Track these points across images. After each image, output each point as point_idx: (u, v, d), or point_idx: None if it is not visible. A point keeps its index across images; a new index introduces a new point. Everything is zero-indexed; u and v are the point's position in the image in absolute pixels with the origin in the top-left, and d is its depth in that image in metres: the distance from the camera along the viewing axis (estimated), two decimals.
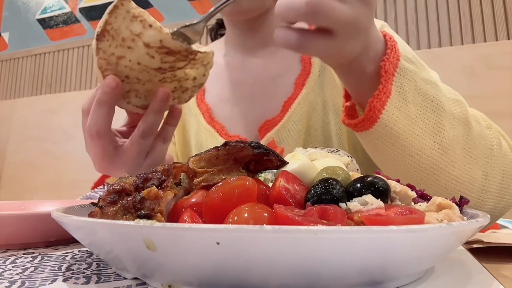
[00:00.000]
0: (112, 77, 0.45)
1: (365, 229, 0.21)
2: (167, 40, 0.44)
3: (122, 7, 0.43)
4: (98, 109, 0.46)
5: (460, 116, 0.49)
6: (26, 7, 2.35)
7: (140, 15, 0.43)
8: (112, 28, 0.43)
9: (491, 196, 0.50)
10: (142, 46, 0.44)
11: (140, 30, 0.43)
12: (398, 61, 0.46)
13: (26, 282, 0.27)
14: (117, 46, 0.44)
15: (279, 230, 0.20)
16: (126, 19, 0.43)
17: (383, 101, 0.45)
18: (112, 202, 0.29)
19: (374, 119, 0.45)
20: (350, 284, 0.23)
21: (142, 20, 0.43)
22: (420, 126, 0.47)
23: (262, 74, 0.76)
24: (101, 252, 0.28)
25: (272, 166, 0.31)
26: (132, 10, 0.43)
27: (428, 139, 0.47)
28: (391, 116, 0.45)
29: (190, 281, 0.24)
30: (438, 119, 0.47)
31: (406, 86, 0.46)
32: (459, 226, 0.23)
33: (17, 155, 1.96)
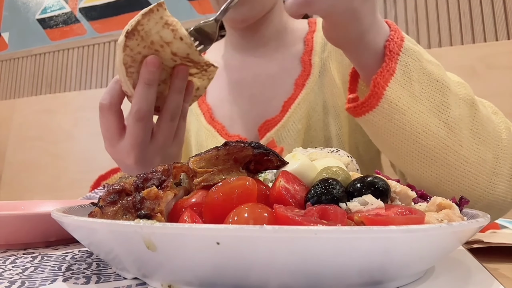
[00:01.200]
0: (154, 57, 0.46)
1: (365, 229, 0.21)
2: (193, 55, 0.47)
3: (157, 12, 0.44)
4: (147, 90, 0.47)
5: (465, 98, 0.50)
6: (26, 7, 2.35)
7: (173, 24, 0.45)
8: (143, 30, 0.44)
9: (503, 179, 0.50)
10: (169, 53, 0.46)
11: (171, 40, 0.45)
12: (403, 42, 0.48)
13: (26, 282, 0.27)
14: (145, 47, 0.46)
15: (279, 230, 0.20)
16: (158, 24, 0.44)
17: (386, 78, 0.46)
18: (112, 202, 0.29)
19: (379, 95, 0.46)
20: (350, 284, 0.23)
21: (174, 30, 0.45)
22: (425, 104, 0.47)
23: (262, 74, 0.76)
24: (101, 252, 0.28)
25: (272, 166, 0.31)
26: (165, 17, 0.44)
27: (433, 117, 0.47)
28: (395, 93, 0.46)
29: (190, 281, 0.24)
30: (443, 98, 0.48)
31: (411, 65, 0.47)
32: (459, 226, 0.23)
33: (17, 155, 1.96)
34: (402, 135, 0.48)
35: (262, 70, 0.76)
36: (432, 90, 0.48)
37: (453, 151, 0.48)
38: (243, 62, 0.79)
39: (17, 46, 2.36)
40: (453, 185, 0.49)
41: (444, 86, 0.48)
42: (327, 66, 0.73)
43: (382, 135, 0.50)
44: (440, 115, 0.47)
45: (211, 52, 0.87)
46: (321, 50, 0.75)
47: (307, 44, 0.77)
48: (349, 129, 0.71)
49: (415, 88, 0.47)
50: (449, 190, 0.50)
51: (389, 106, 0.46)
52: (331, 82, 0.72)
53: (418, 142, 0.48)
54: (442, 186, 0.50)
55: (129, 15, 2.06)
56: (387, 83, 0.46)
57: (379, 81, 0.46)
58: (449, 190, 0.50)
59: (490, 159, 0.49)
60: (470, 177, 0.49)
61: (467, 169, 0.49)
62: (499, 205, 0.51)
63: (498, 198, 0.50)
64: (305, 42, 0.77)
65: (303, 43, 0.77)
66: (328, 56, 0.74)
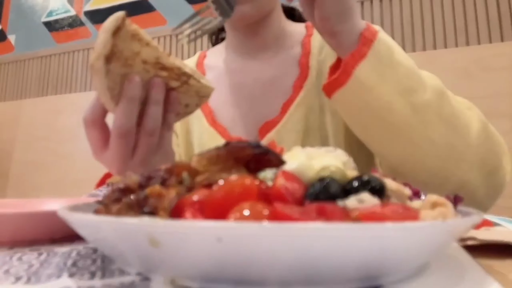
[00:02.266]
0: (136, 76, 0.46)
1: (361, 226, 0.22)
2: (162, 57, 0.46)
3: (123, 28, 0.43)
4: (128, 105, 0.47)
5: (435, 87, 0.53)
6: (32, 10, 2.38)
7: (136, 32, 0.44)
8: (118, 50, 0.44)
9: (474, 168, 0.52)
10: (140, 63, 0.45)
11: (139, 49, 0.44)
12: (377, 33, 0.52)
13: (32, 277, 0.27)
14: (122, 66, 0.45)
15: (279, 227, 0.21)
16: (126, 40, 0.44)
17: (357, 59, 0.50)
18: (117, 200, 0.30)
19: (348, 73, 0.50)
20: (348, 278, 0.24)
21: (139, 39, 0.44)
22: (392, 85, 0.51)
23: (262, 77, 0.77)
24: (105, 248, 0.28)
25: (272, 165, 0.31)
26: (129, 28, 0.43)
27: (399, 97, 0.50)
28: (364, 73, 0.50)
29: (193, 276, 0.24)
30: (411, 83, 0.51)
31: (383, 52, 0.51)
32: (453, 223, 0.24)
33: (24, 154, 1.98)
34: (369, 111, 0.52)
35: (262, 73, 0.78)
36: (402, 76, 0.51)
37: (418, 130, 0.51)
38: (244, 65, 0.80)
39: (24, 48, 2.38)
40: (418, 164, 0.52)
41: (414, 74, 0.52)
42: (324, 68, 0.75)
43: (351, 113, 0.55)
44: (406, 97, 0.50)
45: (213, 56, 0.88)
46: (318, 53, 0.76)
47: (305, 47, 0.78)
48: (345, 128, 0.72)
49: (384, 71, 0.51)
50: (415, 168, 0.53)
51: (357, 83, 0.50)
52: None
53: (383, 118, 0.51)
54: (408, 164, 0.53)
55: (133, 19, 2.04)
56: (357, 63, 0.50)
57: (349, 61, 0.51)
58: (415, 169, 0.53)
59: (460, 146, 0.52)
60: (435, 159, 0.51)
61: (433, 150, 0.51)
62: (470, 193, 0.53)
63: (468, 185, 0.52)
64: (302, 45, 0.79)
65: (301, 46, 0.79)
66: (325, 58, 0.75)
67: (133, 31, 0.43)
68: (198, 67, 0.87)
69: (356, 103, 0.52)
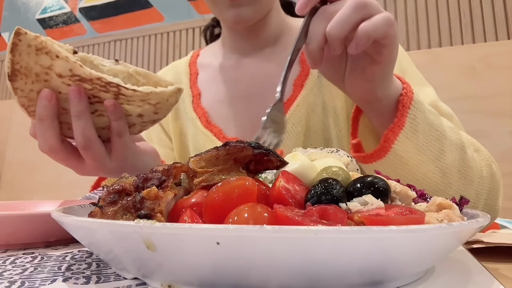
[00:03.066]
0: (46, 91, 0.44)
1: (365, 229, 0.21)
2: (76, 69, 0.43)
3: (20, 43, 0.40)
4: (41, 125, 0.45)
5: (457, 143, 0.53)
6: (26, 7, 2.35)
7: (43, 46, 0.41)
8: (22, 67, 0.41)
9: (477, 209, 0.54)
10: (56, 77, 0.43)
11: (50, 63, 0.42)
12: (413, 95, 0.50)
13: (26, 282, 0.27)
14: (33, 82, 0.43)
15: (279, 230, 0.20)
16: (31, 54, 0.41)
17: (396, 132, 0.49)
18: (112, 202, 0.29)
19: (387, 148, 0.50)
20: (350, 284, 0.23)
21: (47, 52, 0.41)
22: (426, 153, 0.50)
23: (259, 74, 0.75)
24: (101, 252, 0.28)
25: (272, 166, 0.31)
26: (32, 42, 0.41)
27: (431, 165, 0.51)
28: (402, 146, 0.49)
29: (190, 281, 0.24)
30: (441, 146, 0.51)
31: (418, 118, 0.50)
32: (459, 226, 0.23)
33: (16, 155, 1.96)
34: (404, 177, 0.51)
35: (259, 70, 0.75)
36: (433, 140, 0.51)
37: (443, 193, 0.52)
38: (239, 62, 0.78)
39: None
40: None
41: (442, 134, 0.52)
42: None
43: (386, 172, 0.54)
44: (437, 163, 0.51)
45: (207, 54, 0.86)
46: None
47: None
48: (348, 128, 0.71)
49: (419, 139, 0.50)
50: None
51: (395, 158, 0.50)
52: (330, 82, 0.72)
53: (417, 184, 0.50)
54: None
55: (129, 15, 2.06)
56: (395, 137, 0.49)
57: (389, 136, 0.49)
58: None
59: (472, 196, 0.53)
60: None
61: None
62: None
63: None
64: None
65: None
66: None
67: (38, 44, 0.41)
68: (191, 66, 0.84)
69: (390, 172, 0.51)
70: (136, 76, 0.49)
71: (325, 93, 0.71)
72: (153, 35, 2.01)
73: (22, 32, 0.40)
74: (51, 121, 0.45)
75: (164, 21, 1.99)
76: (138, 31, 2.03)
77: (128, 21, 2.06)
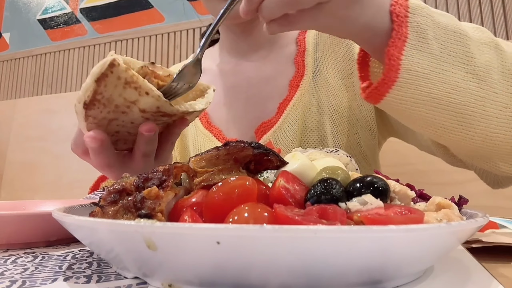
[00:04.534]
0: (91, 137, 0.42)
1: (364, 228, 0.21)
2: (164, 107, 0.42)
3: (111, 75, 0.38)
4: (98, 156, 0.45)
5: (487, 41, 0.46)
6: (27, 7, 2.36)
7: (133, 80, 0.39)
8: (103, 97, 0.39)
9: None
10: (137, 111, 0.41)
11: (136, 98, 0.40)
12: (407, 1, 0.44)
13: (27, 281, 0.27)
14: (110, 112, 0.41)
15: (279, 230, 0.20)
16: (118, 87, 0.39)
17: (399, 46, 0.42)
18: (113, 201, 0.29)
19: (396, 67, 0.42)
20: (350, 283, 0.23)
21: (136, 87, 0.39)
22: (447, 60, 0.43)
23: (256, 76, 0.77)
24: (101, 251, 0.28)
25: (272, 166, 0.31)
26: (122, 75, 0.38)
27: (459, 71, 0.44)
28: (413, 59, 0.42)
29: (191, 280, 0.24)
30: (465, 48, 0.44)
31: (423, 24, 0.43)
32: (458, 225, 0.23)
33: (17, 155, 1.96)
34: (433, 100, 0.44)
35: (256, 73, 0.77)
36: (452, 43, 0.44)
37: (489, 100, 0.44)
38: (237, 66, 0.79)
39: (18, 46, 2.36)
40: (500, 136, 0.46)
41: (463, 35, 0.45)
42: (321, 66, 0.74)
43: (411, 110, 0.45)
44: (467, 67, 0.44)
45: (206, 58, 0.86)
46: (313, 50, 0.75)
47: (300, 45, 0.77)
48: (348, 126, 0.72)
49: (433, 47, 0.43)
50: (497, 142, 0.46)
51: (410, 75, 0.42)
52: (325, 82, 0.73)
53: (451, 103, 0.44)
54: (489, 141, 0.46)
55: (129, 16, 2.06)
56: (401, 52, 0.42)
57: (392, 52, 0.42)
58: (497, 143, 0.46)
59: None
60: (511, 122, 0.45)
61: (508, 114, 0.45)
62: None
63: None
64: (297, 43, 0.78)
65: (296, 44, 0.78)
66: (322, 56, 0.74)
67: (128, 78, 0.38)
68: None
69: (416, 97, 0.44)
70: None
71: (320, 93, 0.72)
72: (153, 35, 2.01)
73: (116, 64, 0.38)
74: (107, 150, 0.45)
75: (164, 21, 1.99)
76: (138, 31, 2.04)
77: (128, 21, 2.07)
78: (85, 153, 0.49)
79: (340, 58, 0.73)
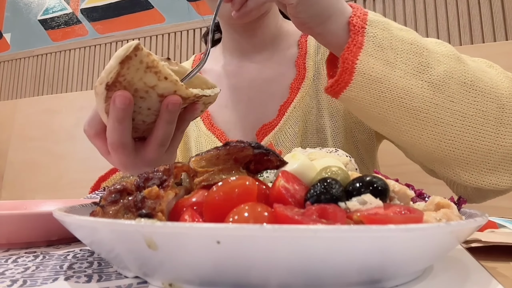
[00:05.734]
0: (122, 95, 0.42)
1: (364, 228, 0.21)
2: (181, 90, 0.43)
3: (135, 58, 0.39)
4: (120, 125, 0.45)
5: (448, 54, 0.49)
6: (28, 8, 2.36)
7: (154, 65, 0.40)
8: (125, 80, 0.40)
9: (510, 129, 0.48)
10: (156, 96, 0.43)
11: (155, 83, 0.41)
12: (366, 15, 0.49)
13: (28, 281, 0.27)
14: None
15: (279, 229, 0.20)
16: (139, 70, 0.40)
17: (355, 52, 0.46)
18: (114, 201, 0.29)
19: (351, 70, 0.47)
20: (349, 282, 0.23)
21: (157, 72, 0.41)
22: (401, 68, 0.47)
23: (258, 78, 0.77)
24: (102, 251, 0.28)
25: (272, 166, 0.31)
26: (145, 59, 0.40)
27: (413, 79, 0.47)
28: (367, 64, 0.46)
29: (191, 279, 0.24)
30: (421, 59, 0.47)
31: (380, 35, 0.47)
32: (457, 225, 0.23)
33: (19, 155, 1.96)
34: (385, 103, 0.47)
35: (258, 75, 0.77)
36: (407, 53, 0.47)
37: (444, 108, 0.47)
38: (240, 67, 0.80)
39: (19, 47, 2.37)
40: (455, 143, 0.48)
41: (420, 47, 0.48)
42: (321, 69, 0.74)
43: (366, 109, 0.50)
44: (421, 76, 0.47)
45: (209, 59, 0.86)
46: (314, 53, 0.76)
47: (301, 48, 0.77)
48: (345, 128, 0.72)
49: (388, 55, 0.47)
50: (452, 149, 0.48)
51: (363, 77, 0.47)
52: (325, 84, 0.73)
53: (403, 106, 0.47)
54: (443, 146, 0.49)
55: (130, 16, 2.06)
56: (356, 57, 0.46)
57: (347, 56, 0.47)
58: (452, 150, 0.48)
59: (494, 109, 0.48)
60: (471, 131, 0.47)
61: (466, 124, 0.47)
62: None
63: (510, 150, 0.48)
64: (299, 45, 0.78)
65: (297, 46, 0.78)
66: (322, 58, 0.75)
67: (150, 62, 0.40)
68: None
69: (369, 98, 0.48)
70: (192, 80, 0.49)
71: (320, 96, 0.73)
72: (154, 36, 2.02)
73: (140, 48, 0.39)
74: (129, 121, 0.45)
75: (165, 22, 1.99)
76: (139, 32, 2.04)
77: (129, 22, 2.07)
78: (98, 135, 0.48)
79: None
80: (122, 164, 0.49)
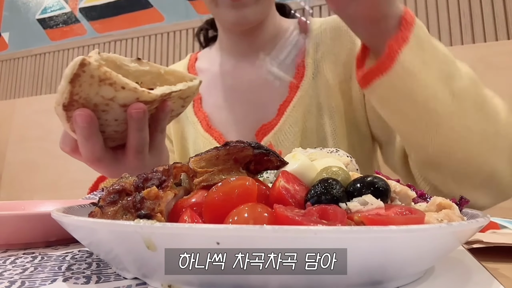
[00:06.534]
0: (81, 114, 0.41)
1: (365, 229, 0.21)
2: (143, 96, 0.42)
3: (84, 74, 0.37)
4: (88, 142, 0.45)
5: (468, 73, 0.53)
6: (26, 7, 2.35)
7: (107, 76, 0.38)
8: (81, 97, 0.39)
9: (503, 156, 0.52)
10: (118, 107, 0.41)
11: (113, 94, 0.40)
12: (414, 17, 0.51)
13: (26, 282, 0.27)
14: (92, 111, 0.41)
15: (279, 230, 0.20)
16: (93, 85, 0.38)
17: (400, 43, 0.49)
18: (112, 202, 0.29)
19: (393, 57, 0.49)
20: (350, 284, 0.23)
21: (111, 83, 0.39)
22: (433, 71, 0.50)
23: (256, 78, 0.77)
24: (101, 252, 0.28)
25: (272, 166, 0.31)
26: (95, 73, 0.38)
27: (441, 84, 0.50)
28: (408, 57, 0.49)
29: (190, 281, 0.24)
30: (449, 69, 0.51)
31: (423, 37, 0.50)
32: (459, 226, 0.23)
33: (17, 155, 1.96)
34: (413, 98, 0.50)
35: (256, 74, 0.77)
36: (440, 62, 0.51)
37: (457, 117, 0.50)
38: (237, 67, 0.79)
39: (17, 46, 2.36)
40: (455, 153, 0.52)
41: (450, 59, 0.52)
42: (321, 67, 0.74)
43: (392, 101, 0.52)
44: (447, 84, 0.50)
45: (204, 58, 0.86)
46: (314, 52, 0.75)
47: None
48: (346, 129, 0.72)
49: (426, 57, 0.50)
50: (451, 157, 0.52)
51: (402, 68, 0.49)
52: (324, 83, 0.73)
53: (426, 107, 0.50)
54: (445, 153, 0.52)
55: (129, 15, 2.06)
56: (400, 48, 0.49)
57: (393, 45, 0.49)
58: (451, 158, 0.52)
59: (492, 132, 0.52)
60: (471, 146, 0.51)
61: (470, 137, 0.51)
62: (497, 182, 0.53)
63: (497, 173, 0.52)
64: None
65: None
66: (322, 57, 0.74)
67: (102, 75, 0.38)
68: (190, 70, 0.84)
69: (399, 90, 0.51)
70: (166, 76, 0.48)
71: (320, 94, 0.72)
72: (153, 35, 2.01)
73: (86, 63, 0.37)
74: (96, 136, 0.45)
75: (164, 21, 1.99)
76: (138, 31, 2.03)
77: (128, 21, 2.06)
78: (74, 150, 0.49)
79: (341, 61, 0.73)
80: (107, 174, 0.50)
